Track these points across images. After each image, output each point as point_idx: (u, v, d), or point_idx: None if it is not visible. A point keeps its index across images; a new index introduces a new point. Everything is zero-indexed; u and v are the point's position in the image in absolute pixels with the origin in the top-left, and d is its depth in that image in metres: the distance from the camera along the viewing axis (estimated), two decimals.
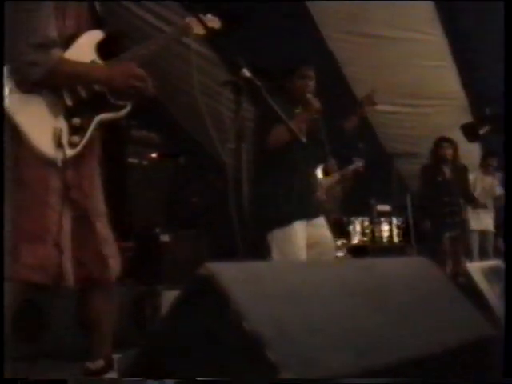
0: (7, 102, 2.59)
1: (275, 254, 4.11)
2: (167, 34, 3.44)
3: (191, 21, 3.09)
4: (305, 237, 4.15)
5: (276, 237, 4.14)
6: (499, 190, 7.54)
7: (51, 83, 2.67)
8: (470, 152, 7.59)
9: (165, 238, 5.70)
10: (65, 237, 2.68)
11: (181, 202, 6.78)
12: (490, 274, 3.05)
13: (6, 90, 2.60)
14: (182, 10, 5.98)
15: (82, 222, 2.79)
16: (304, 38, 6.37)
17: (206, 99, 5.68)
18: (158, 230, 5.76)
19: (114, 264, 2.87)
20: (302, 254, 4.11)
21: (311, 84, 4.30)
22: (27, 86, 2.63)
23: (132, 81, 2.78)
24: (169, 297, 4.56)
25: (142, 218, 5.82)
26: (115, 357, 2.90)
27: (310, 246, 4.18)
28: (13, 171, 2.61)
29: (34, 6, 2.64)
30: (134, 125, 6.04)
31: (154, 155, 6.22)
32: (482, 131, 7.36)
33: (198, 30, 3.10)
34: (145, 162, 6.06)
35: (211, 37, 3.16)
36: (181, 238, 5.86)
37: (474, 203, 7.48)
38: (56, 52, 2.67)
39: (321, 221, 4.34)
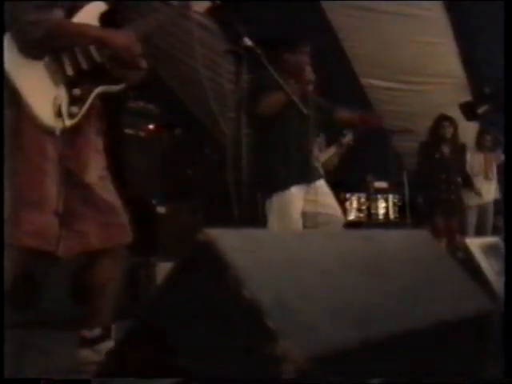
0: (9, 68, 2.58)
1: (272, 219, 4.11)
2: (167, 9, 3.41)
3: None
4: (302, 202, 4.15)
5: (274, 202, 4.13)
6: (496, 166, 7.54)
7: (51, 43, 2.66)
8: (467, 130, 7.55)
9: (161, 209, 5.68)
10: (62, 205, 2.66)
11: (177, 173, 6.74)
12: (488, 250, 3.04)
13: (8, 56, 2.58)
14: None
15: (81, 192, 2.77)
16: (305, 9, 6.31)
17: (206, 71, 5.64)
18: (154, 202, 5.74)
19: (121, 231, 2.85)
20: (299, 220, 4.11)
21: (306, 60, 4.30)
22: (29, 49, 2.61)
23: (127, 48, 2.77)
24: (164, 268, 4.55)
25: (138, 189, 5.78)
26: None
27: (313, 214, 4.18)
28: (12, 138, 2.60)
29: None
30: (131, 96, 5.98)
31: (150, 126, 6.17)
32: (480, 110, 7.34)
33: (198, 7, 3.07)
34: (141, 133, 6.01)
35: (211, 12, 3.12)
36: (177, 210, 5.84)
37: (469, 183, 7.45)
38: (57, 12, 2.66)
39: (323, 188, 4.33)
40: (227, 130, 3.12)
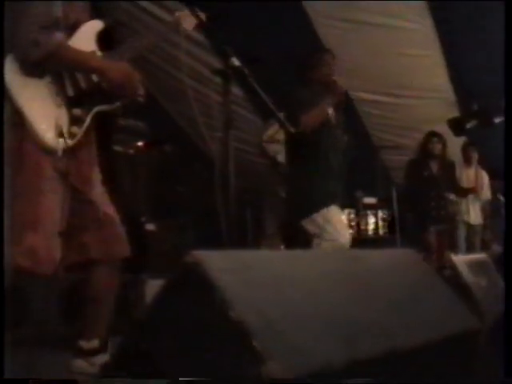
0: (11, 88, 2.61)
1: (327, 233, 4.13)
2: (159, 27, 3.48)
3: (181, 14, 3.12)
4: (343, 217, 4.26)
5: (317, 220, 4.18)
6: (486, 182, 7.57)
7: (51, 66, 2.69)
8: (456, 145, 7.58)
9: (150, 226, 5.68)
10: (62, 224, 2.69)
11: (167, 190, 6.74)
12: (475, 267, 3.05)
13: (10, 76, 2.62)
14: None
15: (83, 207, 2.83)
16: (293, 23, 6.32)
17: (194, 84, 5.63)
18: (143, 219, 5.73)
19: (120, 244, 2.91)
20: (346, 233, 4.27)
21: (333, 67, 4.39)
22: (28, 67, 2.64)
23: (126, 80, 2.82)
24: (153, 285, 4.54)
25: (127, 206, 5.77)
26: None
27: None
28: (13, 157, 2.62)
29: None
30: (120, 113, 5.98)
31: (140, 144, 6.18)
32: (468, 126, 7.36)
33: (187, 24, 3.11)
34: (131, 151, 6.01)
35: (199, 30, 3.18)
36: (166, 227, 5.84)
37: (464, 194, 7.47)
38: (58, 34, 2.69)
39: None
40: (214, 147, 3.14)
